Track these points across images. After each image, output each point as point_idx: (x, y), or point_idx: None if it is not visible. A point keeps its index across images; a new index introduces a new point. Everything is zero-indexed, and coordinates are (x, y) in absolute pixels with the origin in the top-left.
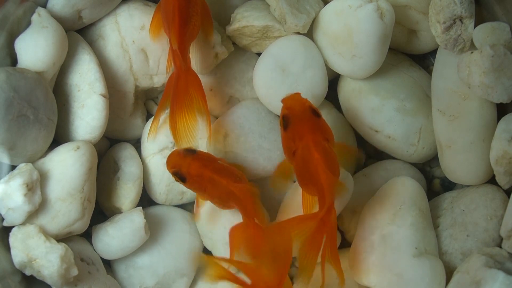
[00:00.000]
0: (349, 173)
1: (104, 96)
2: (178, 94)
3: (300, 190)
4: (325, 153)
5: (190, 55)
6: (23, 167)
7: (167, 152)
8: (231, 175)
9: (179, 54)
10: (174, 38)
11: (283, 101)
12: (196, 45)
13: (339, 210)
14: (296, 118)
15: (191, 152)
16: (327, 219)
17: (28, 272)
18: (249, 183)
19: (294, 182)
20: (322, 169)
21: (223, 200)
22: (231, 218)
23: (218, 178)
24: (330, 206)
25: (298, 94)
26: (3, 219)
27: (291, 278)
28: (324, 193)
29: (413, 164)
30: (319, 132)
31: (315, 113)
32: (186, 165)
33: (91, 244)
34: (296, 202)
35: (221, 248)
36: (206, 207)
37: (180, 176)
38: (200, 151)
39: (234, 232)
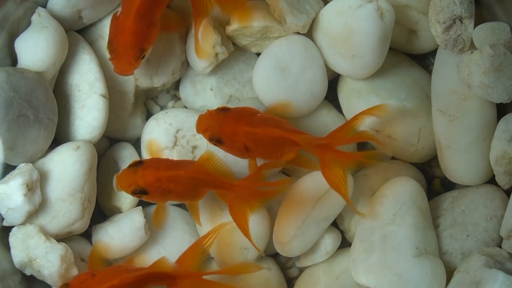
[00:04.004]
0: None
1: (104, 96)
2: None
3: (297, 189)
4: (265, 121)
5: None
6: (23, 167)
7: (168, 152)
8: (185, 164)
9: None
10: None
11: (198, 132)
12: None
13: (339, 209)
14: (218, 130)
15: (139, 164)
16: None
17: (28, 272)
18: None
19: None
20: (275, 132)
21: (192, 191)
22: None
23: (175, 172)
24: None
25: (200, 116)
26: (3, 219)
27: (292, 280)
28: (294, 135)
29: (413, 164)
30: (242, 117)
31: (224, 109)
32: (140, 178)
33: (91, 244)
34: (296, 202)
35: (221, 248)
36: (205, 211)
37: (140, 192)
38: (146, 159)
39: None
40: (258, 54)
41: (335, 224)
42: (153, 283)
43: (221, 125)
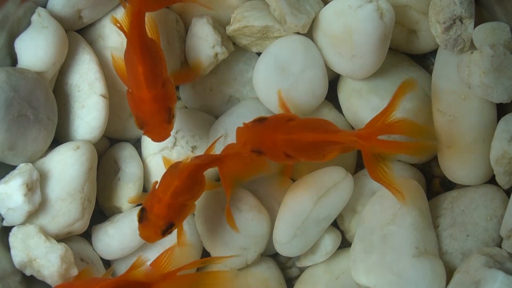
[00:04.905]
0: (349, 173)
1: (104, 96)
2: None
3: (297, 189)
4: (301, 126)
5: None
6: (23, 167)
7: (167, 152)
8: (174, 175)
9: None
10: None
11: (240, 144)
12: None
13: (339, 209)
14: (257, 142)
15: (144, 214)
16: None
17: (28, 272)
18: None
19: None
20: (311, 136)
21: (197, 187)
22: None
23: (171, 189)
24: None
25: (238, 129)
26: (3, 219)
27: (292, 280)
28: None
29: (413, 164)
30: (278, 126)
31: (260, 120)
32: (160, 222)
33: (91, 244)
34: (296, 202)
35: (220, 248)
36: (205, 211)
37: (168, 227)
38: (145, 204)
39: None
40: (259, 54)
41: (335, 224)
42: None
43: (259, 136)
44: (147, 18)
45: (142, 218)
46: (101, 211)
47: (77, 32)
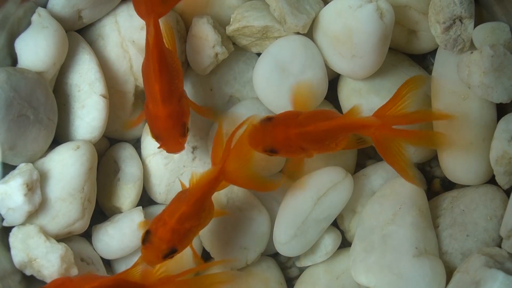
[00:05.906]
0: (349, 173)
1: (104, 96)
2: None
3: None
4: (311, 118)
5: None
6: (23, 167)
7: (167, 152)
8: (182, 200)
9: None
10: None
11: (251, 147)
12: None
13: (339, 209)
14: (271, 141)
15: (148, 234)
16: None
17: (28, 272)
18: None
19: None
20: (325, 125)
21: (203, 217)
22: (231, 219)
23: (182, 214)
24: None
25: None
26: (3, 219)
27: (292, 280)
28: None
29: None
30: (289, 121)
31: (268, 119)
32: (161, 246)
33: (91, 244)
34: (296, 202)
35: (220, 248)
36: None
37: (171, 251)
38: (152, 227)
39: None
40: (259, 54)
41: (335, 224)
42: None
43: (272, 135)
44: (164, 26)
45: (145, 240)
46: (101, 211)
47: (77, 32)
